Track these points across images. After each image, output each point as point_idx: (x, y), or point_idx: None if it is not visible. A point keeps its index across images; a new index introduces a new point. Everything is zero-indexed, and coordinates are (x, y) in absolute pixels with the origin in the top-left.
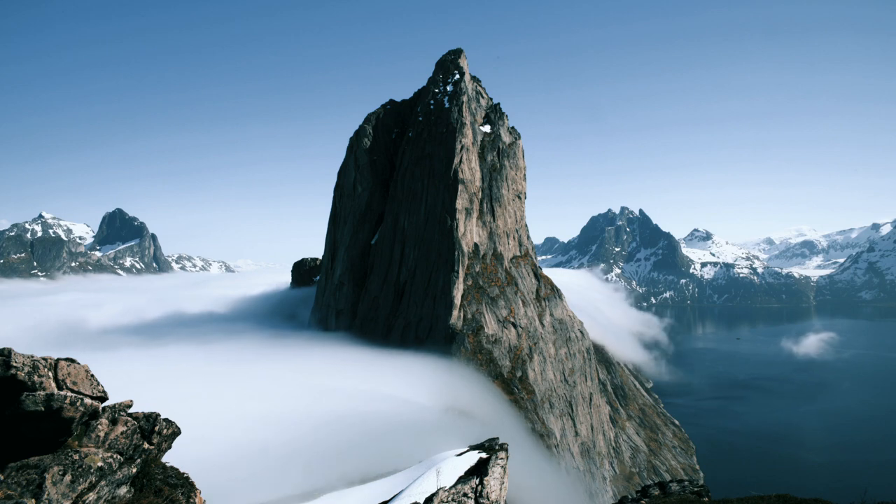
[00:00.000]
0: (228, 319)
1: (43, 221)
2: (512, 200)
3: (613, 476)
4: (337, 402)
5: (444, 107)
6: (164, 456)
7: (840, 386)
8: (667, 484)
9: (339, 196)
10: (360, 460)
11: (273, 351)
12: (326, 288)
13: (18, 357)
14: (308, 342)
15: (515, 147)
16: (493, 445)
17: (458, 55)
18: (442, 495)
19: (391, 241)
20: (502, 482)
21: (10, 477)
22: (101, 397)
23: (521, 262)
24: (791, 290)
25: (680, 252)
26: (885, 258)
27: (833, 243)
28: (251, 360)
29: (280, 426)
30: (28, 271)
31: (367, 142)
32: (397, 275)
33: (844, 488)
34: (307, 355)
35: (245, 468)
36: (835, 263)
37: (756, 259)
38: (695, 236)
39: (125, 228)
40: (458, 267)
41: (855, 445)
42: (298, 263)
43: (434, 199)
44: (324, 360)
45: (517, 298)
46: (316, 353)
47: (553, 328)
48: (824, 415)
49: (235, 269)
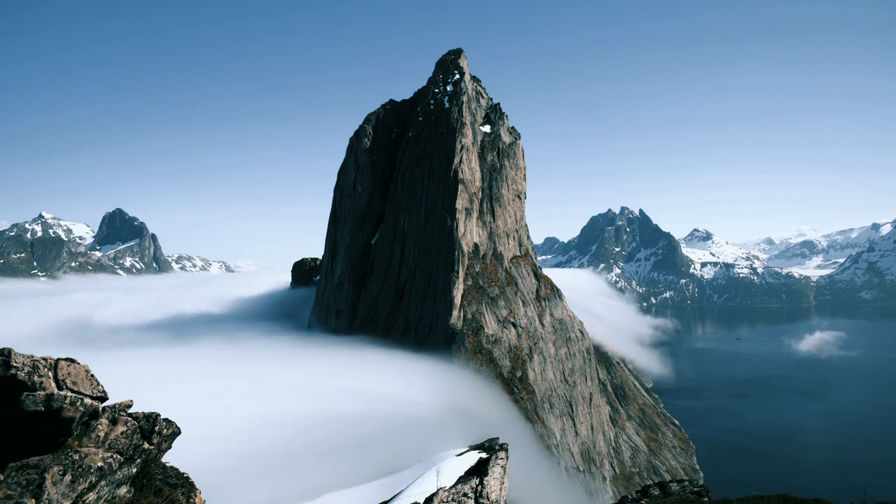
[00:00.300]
0: (228, 319)
1: (43, 221)
2: (512, 200)
3: (613, 476)
4: (337, 402)
5: (444, 107)
6: (164, 456)
7: (840, 386)
8: (667, 484)
9: (339, 196)
10: (361, 460)
11: (273, 350)
12: (326, 288)
13: (18, 357)
14: (308, 342)
15: (515, 147)
16: (492, 445)
17: (458, 55)
18: (442, 495)
19: (391, 241)
20: (502, 482)
21: (11, 477)
22: (101, 397)
23: (521, 262)
24: (791, 290)
25: (680, 252)
26: (885, 258)
27: (833, 243)
28: (251, 360)
29: (280, 426)
30: (28, 271)
31: (367, 142)
32: (397, 275)
33: (844, 488)
34: (307, 354)
35: (245, 468)
36: (835, 263)
37: (756, 259)
38: (695, 236)
39: (125, 228)
40: (458, 267)
41: (855, 445)
42: (298, 263)
43: (434, 199)
44: (324, 359)
45: (517, 298)
46: (315, 352)
47: (553, 328)
48: (824, 415)
49: (235, 269)
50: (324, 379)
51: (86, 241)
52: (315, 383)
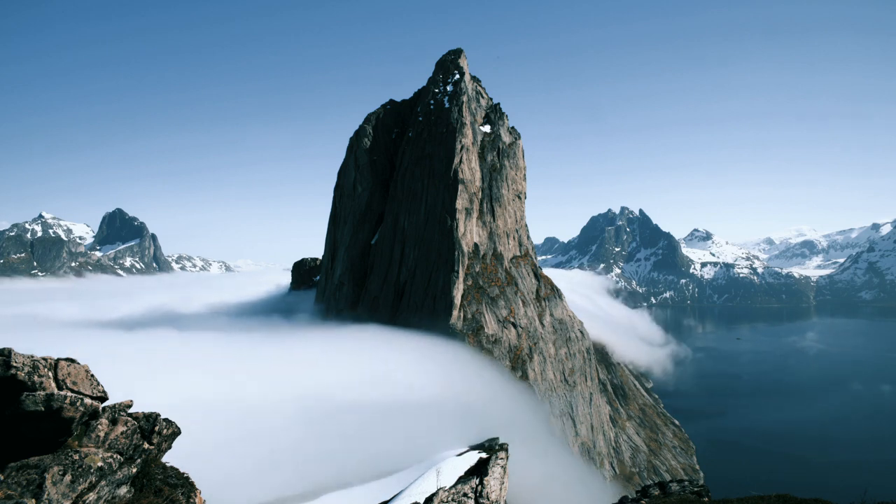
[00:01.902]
0: (227, 319)
1: (43, 221)
2: (512, 200)
3: (613, 476)
4: (337, 401)
5: (444, 107)
6: (164, 456)
7: (840, 386)
8: (667, 484)
9: (339, 196)
10: (361, 460)
11: (273, 345)
12: (326, 288)
13: (18, 357)
14: (307, 330)
15: (515, 147)
16: (493, 445)
17: (458, 55)
18: (442, 495)
19: (391, 241)
20: (502, 482)
21: (10, 477)
22: (101, 397)
23: (521, 262)
24: (791, 290)
25: (680, 252)
26: (885, 258)
27: (833, 243)
28: (250, 359)
29: (281, 427)
30: (28, 271)
31: (367, 142)
32: (397, 275)
33: (844, 488)
34: (306, 349)
35: (245, 468)
36: (835, 263)
37: (756, 259)
38: (695, 236)
39: (125, 228)
40: (458, 267)
41: (855, 445)
42: (298, 263)
43: (434, 199)
44: (324, 351)
45: (517, 298)
46: (315, 342)
47: (553, 328)
48: (824, 415)
49: (235, 269)
50: (324, 377)
51: (86, 241)
52: (315, 382)
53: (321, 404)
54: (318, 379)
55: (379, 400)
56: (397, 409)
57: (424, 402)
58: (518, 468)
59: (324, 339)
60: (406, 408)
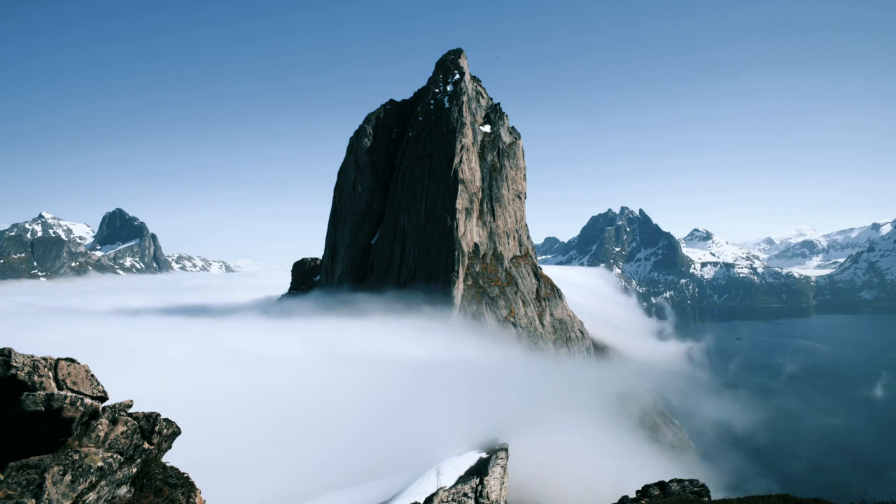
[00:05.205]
0: (227, 318)
1: (43, 221)
2: (512, 200)
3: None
4: (337, 401)
5: (444, 107)
6: (164, 456)
7: (840, 386)
8: (667, 484)
9: (339, 196)
10: (360, 460)
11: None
12: (326, 288)
13: (18, 357)
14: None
15: (515, 147)
16: (493, 445)
17: (458, 55)
18: (442, 495)
19: (391, 241)
20: (502, 482)
21: (11, 477)
22: (101, 397)
23: (522, 262)
24: (791, 290)
25: (680, 252)
26: (886, 258)
27: (833, 243)
28: (251, 358)
29: (281, 426)
30: (28, 271)
31: (368, 142)
32: (397, 275)
33: (844, 488)
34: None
35: (245, 468)
36: (835, 263)
37: (756, 259)
38: (695, 236)
39: (125, 228)
40: (458, 267)
41: (855, 445)
42: (298, 263)
43: (434, 199)
44: (323, 342)
45: (517, 298)
46: (314, 332)
47: (553, 328)
48: (824, 414)
49: (235, 269)
50: (324, 375)
51: (86, 241)
52: (315, 380)
53: (322, 405)
54: (318, 379)
55: (379, 399)
56: (398, 408)
57: (424, 401)
58: (518, 467)
59: (324, 338)
60: (406, 407)
